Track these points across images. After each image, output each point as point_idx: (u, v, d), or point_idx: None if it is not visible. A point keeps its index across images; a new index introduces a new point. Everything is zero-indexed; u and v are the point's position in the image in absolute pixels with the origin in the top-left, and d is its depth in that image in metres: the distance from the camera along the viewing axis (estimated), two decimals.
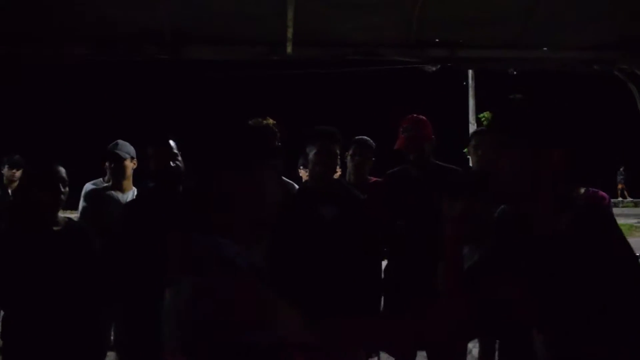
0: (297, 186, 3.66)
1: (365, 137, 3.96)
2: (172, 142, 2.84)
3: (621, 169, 25.87)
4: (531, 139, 1.39)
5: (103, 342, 2.91)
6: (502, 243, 1.59)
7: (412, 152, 3.37)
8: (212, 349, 1.13)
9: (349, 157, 3.91)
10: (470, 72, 15.62)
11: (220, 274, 1.16)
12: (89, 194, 3.79)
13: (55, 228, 2.57)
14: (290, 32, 3.07)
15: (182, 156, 2.84)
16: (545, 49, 3.55)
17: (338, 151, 3.02)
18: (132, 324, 2.79)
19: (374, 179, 3.92)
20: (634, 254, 1.39)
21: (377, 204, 3.31)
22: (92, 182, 4.00)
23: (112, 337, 3.48)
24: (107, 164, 3.83)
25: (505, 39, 3.51)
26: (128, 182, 3.72)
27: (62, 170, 2.58)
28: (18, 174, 5.36)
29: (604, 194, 2.82)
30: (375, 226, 3.16)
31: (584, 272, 1.30)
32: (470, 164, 3.80)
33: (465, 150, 8.22)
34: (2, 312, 2.75)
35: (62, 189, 2.55)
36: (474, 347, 4.16)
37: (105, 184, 3.87)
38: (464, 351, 3.35)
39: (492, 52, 3.83)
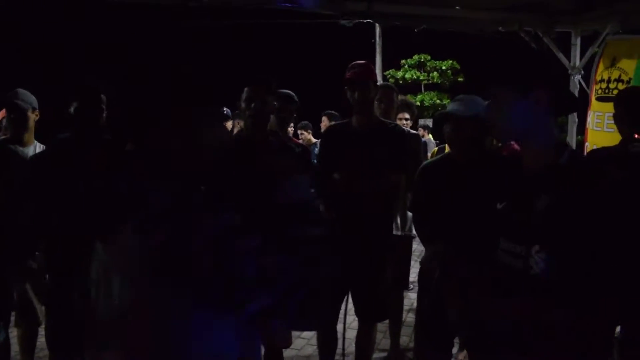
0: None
1: (289, 91, 3.84)
2: (103, 96, 2.77)
3: None
4: (519, 84, 1.51)
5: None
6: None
7: (358, 87, 3.21)
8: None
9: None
10: (377, 30, 15.76)
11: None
12: None
13: None
14: None
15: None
16: (457, 7, 3.67)
17: (274, 102, 2.95)
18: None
19: (297, 140, 3.87)
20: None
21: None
22: None
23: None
24: (5, 115, 3.54)
25: None
26: (30, 135, 3.45)
27: None
28: None
29: None
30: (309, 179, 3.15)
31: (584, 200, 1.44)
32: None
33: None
34: None
35: None
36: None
37: (3, 137, 3.57)
38: None
39: (407, 8, 3.92)
